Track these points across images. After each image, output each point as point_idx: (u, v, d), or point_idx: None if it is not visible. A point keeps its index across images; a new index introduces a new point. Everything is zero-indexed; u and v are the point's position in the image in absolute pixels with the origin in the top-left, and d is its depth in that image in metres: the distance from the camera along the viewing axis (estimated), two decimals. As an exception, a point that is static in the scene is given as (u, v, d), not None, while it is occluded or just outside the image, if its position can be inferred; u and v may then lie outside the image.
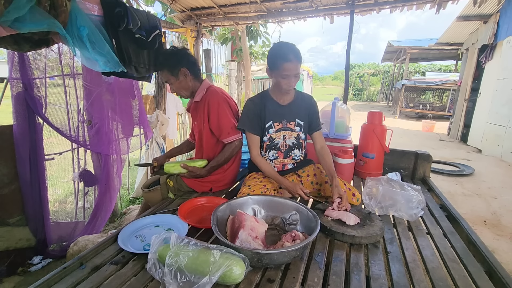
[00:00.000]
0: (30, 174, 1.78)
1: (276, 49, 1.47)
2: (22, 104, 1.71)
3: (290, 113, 1.62)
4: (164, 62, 1.61)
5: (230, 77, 6.61)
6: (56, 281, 0.92)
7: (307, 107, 1.66)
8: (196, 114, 1.74)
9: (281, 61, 1.41)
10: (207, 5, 2.93)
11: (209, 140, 1.71)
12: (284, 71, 1.42)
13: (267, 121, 1.60)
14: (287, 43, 1.46)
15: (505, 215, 2.69)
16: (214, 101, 1.63)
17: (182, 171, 1.65)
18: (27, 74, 1.70)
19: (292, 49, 1.42)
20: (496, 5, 4.70)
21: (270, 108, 1.60)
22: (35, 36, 1.30)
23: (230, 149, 1.66)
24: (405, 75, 12.04)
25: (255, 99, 1.63)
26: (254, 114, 1.59)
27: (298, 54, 1.42)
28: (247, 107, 1.61)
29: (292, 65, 1.41)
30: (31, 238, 1.86)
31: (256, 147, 1.61)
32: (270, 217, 1.30)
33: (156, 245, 0.91)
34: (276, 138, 1.63)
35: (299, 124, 1.64)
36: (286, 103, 1.62)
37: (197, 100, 1.67)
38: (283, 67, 1.41)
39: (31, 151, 1.77)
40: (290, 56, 1.39)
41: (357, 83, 21.06)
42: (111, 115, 2.11)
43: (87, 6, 1.52)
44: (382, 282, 0.94)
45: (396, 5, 2.62)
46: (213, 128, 1.66)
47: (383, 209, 1.45)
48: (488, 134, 5.17)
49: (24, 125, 1.73)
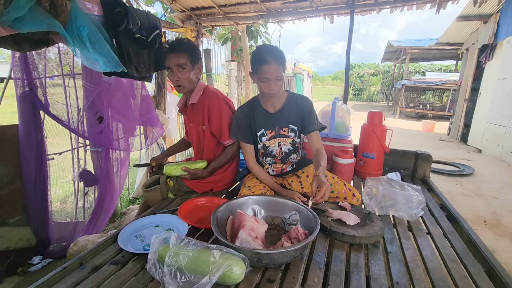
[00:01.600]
0: (35, 174, 1.79)
1: (255, 52, 1.41)
2: (27, 104, 1.72)
3: (281, 120, 1.56)
4: (189, 49, 1.54)
5: (230, 77, 6.61)
6: (56, 281, 0.91)
7: (299, 109, 1.57)
8: (193, 117, 1.69)
9: (259, 64, 1.35)
10: (207, 5, 2.93)
11: (210, 142, 1.70)
12: (262, 74, 1.36)
13: (258, 129, 1.57)
14: (268, 46, 1.41)
15: (505, 215, 2.69)
16: (215, 103, 1.61)
17: (184, 173, 1.63)
18: (31, 74, 1.70)
19: (271, 51, 1.35)
20: (496, 5, 4.70)
21: (260, 117, 1.56)
22: (35, 36, 1.30)
23: (232, 150, 1.67)
24: (405, 75, 12.03)
25: (244, 108, 1.59)
26: (244, 125, 1.56)
27: (278, 55, 1.35)
28: (237, 117, 1.58)
29: (270, 68, 1.34)
30: (31, 238, 1.86)
31: (251, 156, 1.60)
32: (270, 217, 1.30)
33: (156, 245, 0.91)
34: (270, 145, 1.60)
35: (293, 129, 1.59)
36: (277, 110, 1.56)
37: (193, 102, 1.64)
38: (261, 70, 1.35)
39: (37, 150, 1.78)
40: (268, 58, 1.33)
41: (357, 83, 21.06)
42: (119, 112, 2.12)
43: (87, 6, 1.52)
44: (382, 282, 0.94)
45: (396, 5, 2.62)
46: (214, 130, 1.65)
47: (383, 209, 1.45)
48: (488, 134, 5.17)
49: (29, 124, 1.74)
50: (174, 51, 1.51)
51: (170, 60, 1.51)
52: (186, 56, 1.52)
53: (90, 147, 2.21)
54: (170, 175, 1.66)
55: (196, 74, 1.60)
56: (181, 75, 1.53)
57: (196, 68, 1.59)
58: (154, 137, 2.64)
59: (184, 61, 1.51)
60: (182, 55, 1.51)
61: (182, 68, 1.52)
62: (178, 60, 1.51)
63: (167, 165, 1.67)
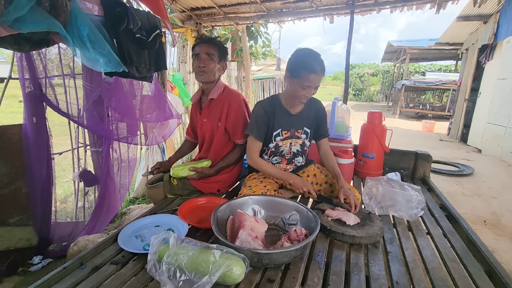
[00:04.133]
0: (42, 173, 1.80)
1: (301, 57, 1.39)
2: (35, 103, 1.73)
3: (299, 122, 1.59)
4: (220, 45, 1.62)
5: (230, 77, 6.62)
6: (56, 281, 0.91)
7: (316, 113, 1.62)
8: (209, 112, 1.70)
9: (305, 71, 1.35)
10: (207, 5, 2.94)
11: (221, 139, 1.71)
12: (306, 82, 1.37)
13: (276, 129, 1.57)
14: (314, 52, 1.40)
15: (505, 215, 2.69)
16: (236, 101, 1.65)
17: (191, 173, 1.64)
18: (36, 73, 1.71)
19: (320, 61, 1.36)
20: (496, 5, 4.70)
21: (279, 117, 1.56)
22: (35, 36, 1.30)
23: (241, 150, 1.71)
24: (405, 75, 12.03)
25: (265, 105, 1.56)
26: (263, 121, 1.54)
27: (323, 66, 1.37)
28: (257, 113, 1.54)
29: (316, 78, 1.36)
30: (31, 238, 1.86)
31: (257, 152, 1.59)
32: (270, 217, 1.30)
33: (155, 246, 0.90)
34: (283, 145, 1.61)
35: (306, 132, 1.62)
36: (297, 112, 1.58)
37: (213, 98, 1.66)
38: (306, 78, 1.36)
39: (44, 149, 1.80)
40: (317, 68, 1.34)
41: (357, 83, 21.06)
42: (125, 112, 2.13)
43: (87, 6, 1.52)
44: (382, 282, 0.94)
45: (396, 5, 2.62)
46: (229, 128, 1.67)
47: (383, 209, 1.45)
48: (488, 134, 5.17)
49: (37, 123, 1.76)
50: (207, 42, 1.60)
51: (202, 48, 1.58)
52: (217, 50, 1.60)
53: (90, 147, 2.21)
54: (178, 176, 1.66)
55: (219, 70, 1.65)
56: (208, 64, 1.59)
57: (221, 64, 1.64)
58: (169, 130, 2.63)
59: (214, 52, 1.59)
60: (213, 47, 1.60)
61: (210, 58, 1.59)
62: (209, 49, 1.58)
63: (173, 167, 1.68)
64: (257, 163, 1.57)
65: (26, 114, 1.74)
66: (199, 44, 1.59)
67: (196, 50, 1.59)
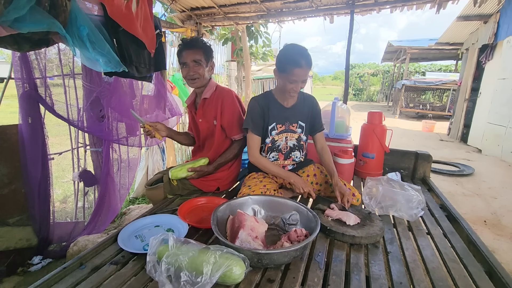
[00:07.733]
0: (38, 173, 1.79)
1: (287, 52, 1.44)
2: (30, 103, 1.72)
3: (293, 115, 1.63)
4: (204, 46, 1.62)
5: (230, 77, 6.62)
6: (56, 281, 0.91)
7: (310, 108, 1.67)
8: (204, 112, 1.72)
9: (291, 65, 1.39)
10: (207, 5, 2.93)
11: (219, 137, 1.73)
12: (293, 76, 1.41)
13: (270, 123, 1.60)
14: (300, 47, 1.44)
15: (505, 215, 2.69)
16: (228, 98, 1.68)
17: (190, 174, 1.65)
18: (33, 73, 1.71)
19: (304, 55, 1.40)
20: (496, 5, 4.70)
21: (273, 110, 1.59)
22: (35, 36, 1.30)
23: (239, 145, 1.74)
24: (405, 75, 12.03)
25: (259, 99, 1.61)
26: (258, 114, 1.58)
27: (309, 60, 1.41)
28: (252, 107, 1.59)
29: (302, 71, 1.40)
30: (31, 238, 1.86)
31: (257, 148, 1.61)
32: (270, 217, 1.30)
33: (154, 247, 0.90)
34: (278, 140, 1.64)
35: (301, 126, 1.65)
36: (290, 105, 1.62)
37: (206, 97, 1.68)
38: (292, 72, 1.40)
39: (40, 149, 1.79)
40: (302, 62, 1.38)
41: (357, 83, 21.06)
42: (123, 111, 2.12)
43: (87, 6, 1.52)
44: (382, 282, 0.94)
45: (396, 5, 2.62)
46: (224, 124, 1.68)
47: (383, 209, 1.45)
48: (488, 134, 5.17)
49: (32, 124, 1.75)
50: (191, 47, 1.58)
51: (187, 55, 1.58)
52: (202, 53, 1.60)
53: (90, 147, 2.21)
54: (177, 178, 1.66)
55: (208, 71, 1.67)
56: (197, 70, 1.60)
57: (209, 65, 1.66)
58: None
59: (200, 57, 1.59)
60: (198, 51, 1.59)
61: (198, 64, 1.60)
62: (194, 56, 1.58)
63: (171, 169, 1.68)
64: (258, 160, 1.59)
65: (21, 114, 1.73)
66: (184, 51, 1.58)
67: (183, 58, 1.60)
